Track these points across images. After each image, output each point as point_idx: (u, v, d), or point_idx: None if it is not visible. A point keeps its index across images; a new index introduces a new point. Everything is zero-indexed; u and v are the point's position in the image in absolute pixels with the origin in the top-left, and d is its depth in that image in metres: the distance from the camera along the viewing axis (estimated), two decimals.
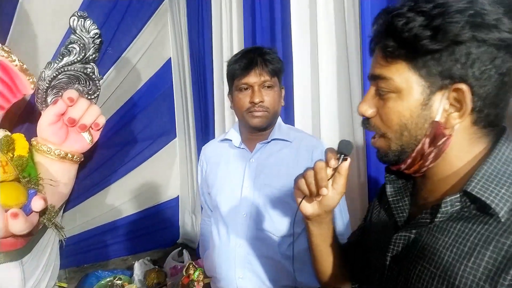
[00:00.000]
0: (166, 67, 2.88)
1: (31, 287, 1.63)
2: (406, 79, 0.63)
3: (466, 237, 0.60)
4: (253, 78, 1.31)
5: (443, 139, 0.64)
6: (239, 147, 1.44)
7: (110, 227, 2.77)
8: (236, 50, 2.13)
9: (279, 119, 1.44)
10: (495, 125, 0.64)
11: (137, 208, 2.86)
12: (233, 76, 1.36)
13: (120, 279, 2.35)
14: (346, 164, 0.76)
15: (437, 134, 0.63)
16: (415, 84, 0.63)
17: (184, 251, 2.74)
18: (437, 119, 0.63)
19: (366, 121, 0.71)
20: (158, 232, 2.91)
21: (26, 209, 1.59)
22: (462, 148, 0.65)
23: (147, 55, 2.71)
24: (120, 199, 2.78)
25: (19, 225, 1.51)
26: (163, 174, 2.97)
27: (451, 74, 0.60)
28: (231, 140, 1.46)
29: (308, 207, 0.82)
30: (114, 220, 2.79)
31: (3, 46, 1.75)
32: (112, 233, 2.80)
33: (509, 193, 0.59)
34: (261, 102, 1.31)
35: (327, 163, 0.76)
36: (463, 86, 0.60)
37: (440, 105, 0.62)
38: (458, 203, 0.62)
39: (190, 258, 2.63)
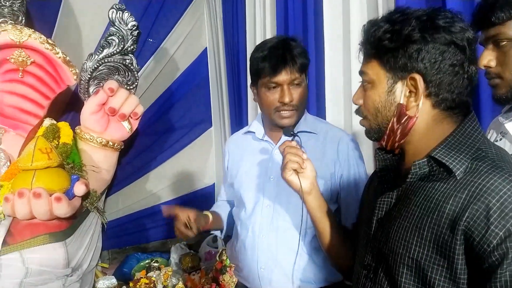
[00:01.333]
0: (202, 57, 2.92)
1: (74, 266, 1.74)
2: (376, 73, 0.81)
3: (432, 195, 0.74)
4: (283, 77, 1.27)
5: (405, 118, 0.79)
6: (262, 139, 1.42)
7: (150, 211, 2.87)
8: None
9: (305, 111, 1.42)
10: (456, 108, 0.79)
11: (175, 194, 2.95)
12: (259, 73, 1.32)
13: (157, 261, 2.46)
14: (294, 142, 1.09)
15: (401, 114, 0.80)
16: (383, 76, 0.80)
17: (218, 237, 2.80)
18: (400, 102, 0.79)
19: (358, 109, 0.89)
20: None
21: (69, 194, 1.70)
22: (428, 127, 0.79)
23: (184, 46, 2.76)
24: (159, 185, 2.87)
25: (62, 209, 1.62)
26: (199, 162, 3.04)
27: (407, 67, 0.76)
28: (254, 133, 1.45)
29: (304, 181, 1.05)
30: (153, 205, 2.89)
31: (48, 39, 1.85)
32: (152, 217, 2.90)
33: (466, 158, 0.73)
34: (291, 101, 1.28)
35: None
36: (416, 76, 0.76)
37: (402, 91, 0.79)
38: (426, 167, 0.77)
39: (224, 244, 2.69)
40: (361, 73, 0.85)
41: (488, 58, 0.96)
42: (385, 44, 0.77)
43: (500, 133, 1.08)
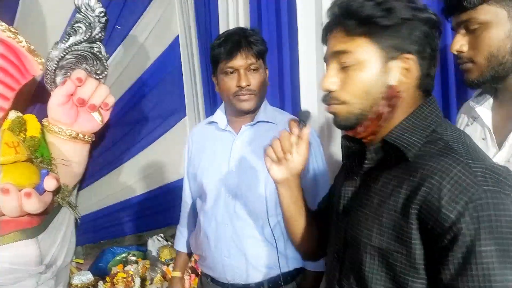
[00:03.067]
0: (174, 45, 2.84)
1: (48, 263, 1.69)
2: (366, 51, 0.75)
3: (389, 181, 0.74)
4: (239, 62, 1.31)
5: (395, 99, 0.76)
6: (224, 130, 1.44)
7: (124, 205, 2.81)
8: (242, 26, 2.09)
9: (265, 101, 1.44)
10: (428, 93, 0.79)
11: (150, 186, 2.90)
12: (217, 60, 1.35)
13: (134, 255, 2.42)
14: (306, 130, 0.90)
15: (392, 95, 0.76)
16: (373, 55, 0.75)
17: None
18: (391, 83, 0.75)
19: (327, 96, 0.81)
20: (170, 210, 2.94)
21: (40, 189, 1.64)
22: (404, 109, 0.77)
23: (154, 33, 2.67)
24: (133, 178, 2.81)
25: (33, 204, 1.56)
26: (174, 152, 2.98)
27: (401, 47, 0.74)
28: (217, 123, 1.46)
29: (277, 172, 0.94)
30: (128, 198, 2.83)
31: (10, 27, 1.76)
32: (127, 210, 2.85)
33: (418, 140, 0.73)
34: (248, 85, 1.31)
35: (290, 132, 0.90)
36: (411, 56, 0.74)
37: (394, 71, 0.75)
38: (380, 151, 0.76)
39: None
40: (340, 52, 0.77)
41: (460, 43, 0.97)
42: (379, 21, 0.72)
43: (471, 117, 1.11)
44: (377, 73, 0.75)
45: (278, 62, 1.87)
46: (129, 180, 2.79)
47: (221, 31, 2.32)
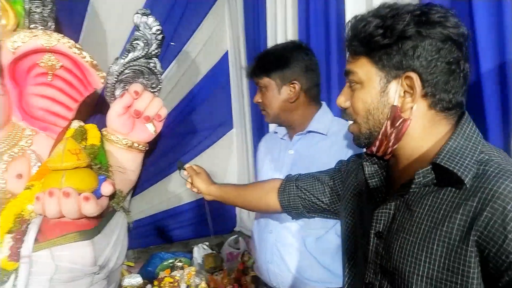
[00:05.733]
0: (223, 60, 2.95)
1: (102, 264, 1.78)
2: (366, 72, 0.76)
3: (438, 206, 0.69)
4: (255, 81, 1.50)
5: (400, 121, 0.74)
6: (283, 138, 1.54)
7: (173, 212, 2.92)
8: None
9: (323, 111, 1.46)
10: (452, 108, 0.75)
11: (197, 195, 2.95)
12: None
13: (180, 261, 2.49)
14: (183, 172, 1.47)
15: (395, 117, 0.75)
16: (374, 75, 0.75)
17: (240, 238, 2.82)
18: (394, 104, 0.74)
19: (344, 112, 0.85)
20: (216, 219, 3.02)
21: (97, 193, 1.75)
22: (424, 129, 0.75)
23: (206, 49, 2.79)
24: (182, 187, 2.90)
25: (91, 208, 1.66)
26: (221, 163, 3.07)
27: (402, 65, 0.72)
28: (277, 132, 1.58)
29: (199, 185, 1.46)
30: (176, 206, 2.94)
31: (76, 44, 1.91)
32: (175, 218, 2.95)
33: (471, 163, 0.68)
34: (258, 102, 1.48)
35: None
36: (412, 74, 0.71)
37: (396, 91, 0.74)
38: (429, 175, 0.71)
39: (246, 245, 2.71)
40: (348, 72, 0.80)
41: None
42: (378, 40, 0.72)
43: None
44: (377, 93, 0.76)
45: (326, 75, 1.88)
46: (177, 188, 2.89)
47: (269, 47, 2.38)
